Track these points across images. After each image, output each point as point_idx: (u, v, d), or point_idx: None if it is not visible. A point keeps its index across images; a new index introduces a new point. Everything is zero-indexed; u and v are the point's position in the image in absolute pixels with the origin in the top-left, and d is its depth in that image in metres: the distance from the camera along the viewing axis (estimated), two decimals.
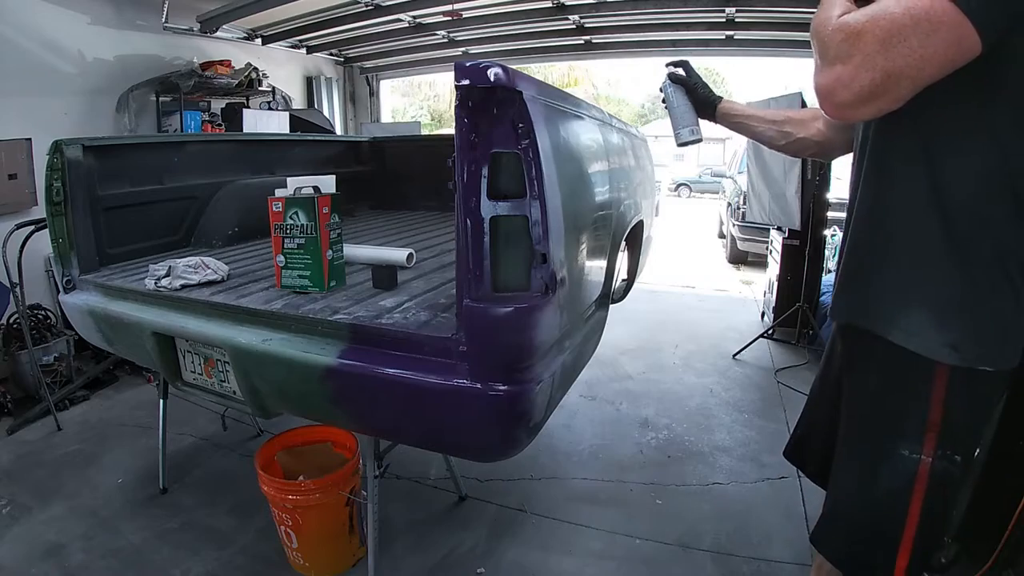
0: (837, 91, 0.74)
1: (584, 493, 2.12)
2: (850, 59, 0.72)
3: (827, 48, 0.75)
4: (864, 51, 0.71)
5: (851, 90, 0.73)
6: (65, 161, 1.78)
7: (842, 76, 0.73)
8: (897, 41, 0.69)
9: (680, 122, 1.37)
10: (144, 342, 1.57)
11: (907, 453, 0.89)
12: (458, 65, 1.01)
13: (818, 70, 0.77)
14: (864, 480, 0.95)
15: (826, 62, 0.75)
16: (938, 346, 0.85)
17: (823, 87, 0.76)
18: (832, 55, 0.74)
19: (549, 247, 1.08)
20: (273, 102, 4.63)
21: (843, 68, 0.73)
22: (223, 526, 1.93)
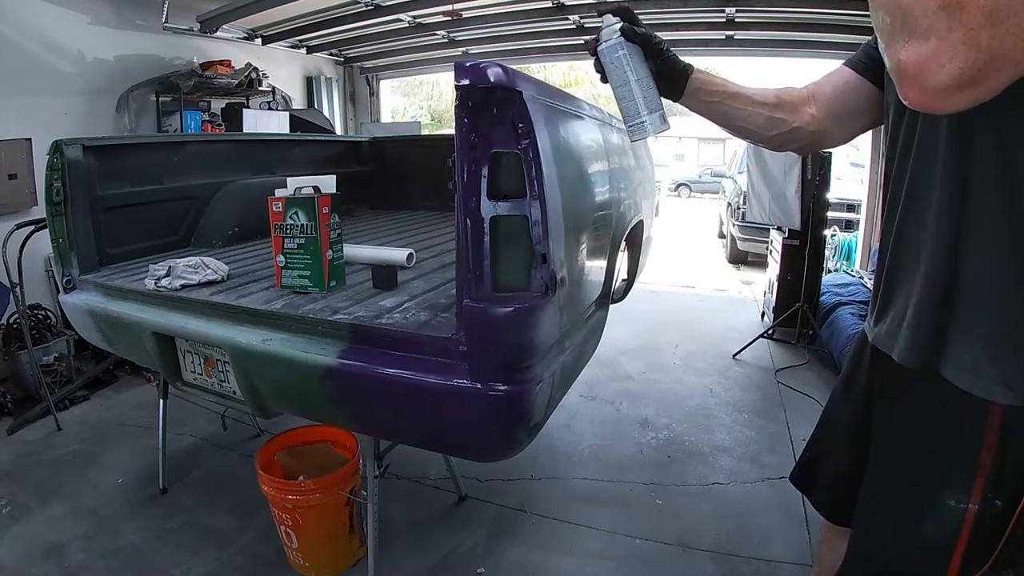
0: (931, 71, 0.59)
1: (584, 493, 2.12)
2: (949, 33, 0.57)
3: (914, 17, 0.59)
4: (968, 24, 0.57)
5: (948, 72, 0.59)
6: (65, 161, 1.78)
7: (939, 54, 0.58)
8: (1007, 15, 0.56)
9: (645, 104, 0.94)
10: (144, 342, 1.57)
11: (954, 503, 0.80)
12: (458, 65, 1.01)
13: (899, 44, 0.62)
14: (902, 530, 0.86)
15: (914, 34, 0.60)
16: (992, 384, 0.75)
17: (911, 65, 0.60)
18: (925, 26, 0.59)
19: (549, 247, 1.08)
20: (273, 102, 4.63)
21: (939, 44, 0.58)
22: (223, 526, 1.93)
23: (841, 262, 5.02)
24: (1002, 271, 0.74)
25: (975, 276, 0.76)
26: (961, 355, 0.77)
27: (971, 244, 0.76)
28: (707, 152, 22.48)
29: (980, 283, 0.76)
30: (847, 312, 3.22)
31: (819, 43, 4.39)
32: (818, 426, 1.17)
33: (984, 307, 0.76)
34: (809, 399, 2.90)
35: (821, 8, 3.74)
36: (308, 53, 5.29)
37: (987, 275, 0.75)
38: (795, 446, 2.44)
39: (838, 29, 4.11)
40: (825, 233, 3.79)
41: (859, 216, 5.11)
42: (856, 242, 5.06)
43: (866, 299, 3.27)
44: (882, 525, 0.90)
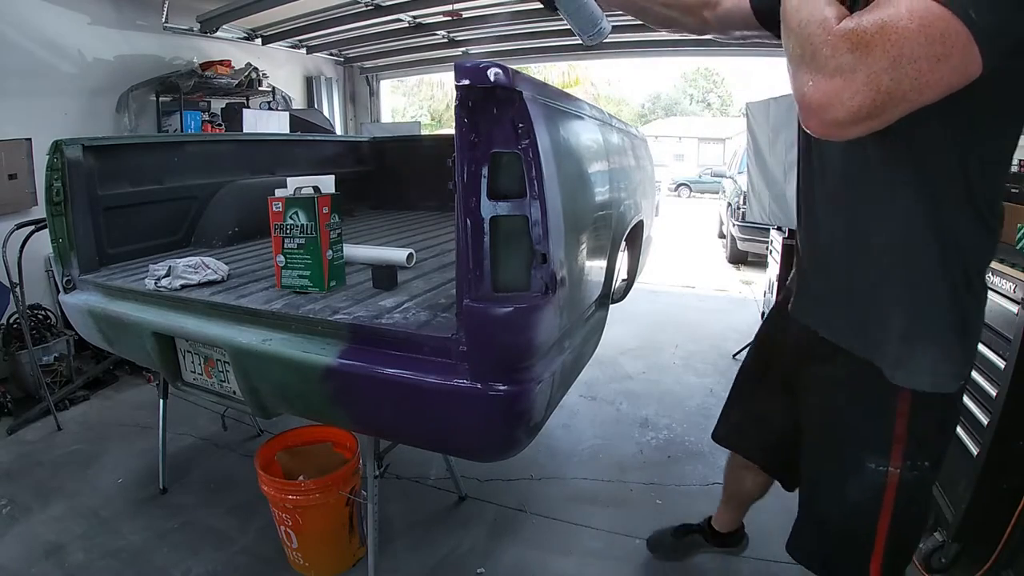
0: (833, 108, 0.66)
1: (584, 493, 2.12)
2: (854, 73, 0.64)
3: (823, 54, 0.66)
4: (871, 67, 0.63)
5: (848, 108, 0.66)
6: (65, 161, 1.78)
7: (842, 92, 0.65)
8: (908, 62, 0.63)
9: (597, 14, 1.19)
10: (144, 342, 1.57)
11: (874, 467, 0.92)
12: (458, 65, 1.01)
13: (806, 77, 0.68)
14: (835, 491, 0.98)
15: (822, 71, 0.66)
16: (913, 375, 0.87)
17: (816, 100, 0.67)
18: (832, 65, 0.65)
19: (549, 247, 1.08)
20: (273, 102, 4.63)
21: (843, 82, 0.65)
22: (223, 526, 1.93)
23: None
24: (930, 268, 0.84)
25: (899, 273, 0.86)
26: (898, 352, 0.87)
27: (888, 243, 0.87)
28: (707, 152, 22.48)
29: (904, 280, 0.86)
30: None
31: None
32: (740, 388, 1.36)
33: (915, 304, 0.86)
34: None
35: None
36: (308, 53, 5.29)
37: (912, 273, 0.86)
38: None
39: None
40: None
41: None
42: None
43: None
44: (819, 489, 1.05)
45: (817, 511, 1.05)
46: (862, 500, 0.94)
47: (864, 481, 0.93)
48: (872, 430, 0.92)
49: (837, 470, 0.97)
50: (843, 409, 0.96)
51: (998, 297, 1.55)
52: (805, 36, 0.68)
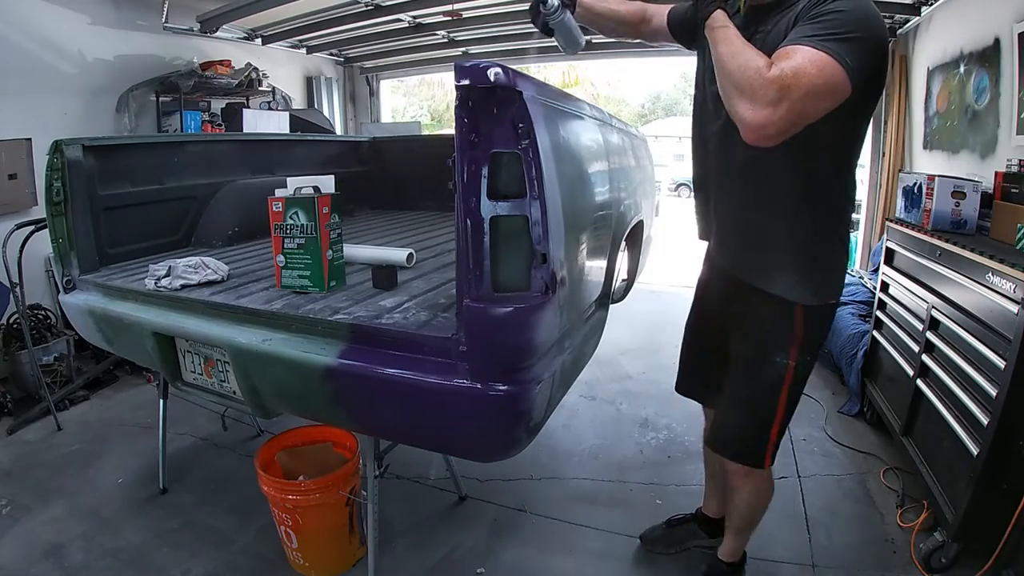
0: (766, 127, 0.97)
1: (584, 493, 2.12)
2: (780, 104, 0.95)
3: (761, 93, 0.96)
4: (792, 99, 0.95)
5: (776, 127, 0.97)
6: (65, 161, 1.78)
7: (772, 116, 0.96)
8: (813, 98, 0.97)
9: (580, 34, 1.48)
10: (144, 342, 1.57)
11: (780, 359, 1.29)
12: (458, 65, 1.01)
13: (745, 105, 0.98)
14: (752, 383, 1.34)
15: (756, 102, 0.97)
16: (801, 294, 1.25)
17: (757, 122, 0.97)
18: (766, 100, 0.96)
19: (549, 247, 1.08)
20: (273, 102, 4.62)
21: (773, 111, 0.96)
22: (223, 526, 1.93)
23: None
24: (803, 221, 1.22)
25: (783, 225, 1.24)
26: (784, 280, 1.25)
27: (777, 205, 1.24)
28: None
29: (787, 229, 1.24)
30: (847, 312, 3.22)
31: None
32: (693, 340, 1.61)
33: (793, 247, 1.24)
34: (809, 399, 2.89)
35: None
36: (308, 53, 5.29)
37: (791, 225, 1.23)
38: (794, 446, 2.44)
39: None
40: None
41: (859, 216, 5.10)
42: (856, 242, 5.06)
43: (866, 299, 3.27)
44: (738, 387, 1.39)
45: (736, 403, 1.39)
46: (771, 385, 1.31)
47: (773, 372, 1.30)
48: (779, 336, 1.29)
49: (756, 369, 1.33)
50: (761, 326, 1.32)
51: (998, 297, 1.55)
52: (745, 78, 0.98)
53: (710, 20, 1.08)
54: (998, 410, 1.49)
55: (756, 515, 1.52)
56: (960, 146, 3.01)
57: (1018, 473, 1.50)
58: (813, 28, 1.00)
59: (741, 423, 1.38)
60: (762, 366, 1.31)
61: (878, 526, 1.92)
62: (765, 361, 1.31)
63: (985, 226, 1.99)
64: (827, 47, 0.96)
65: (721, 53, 1.04)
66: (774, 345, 1.29)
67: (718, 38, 1.06)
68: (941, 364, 1.87)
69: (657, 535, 1.82)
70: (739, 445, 1.40)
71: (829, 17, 1.00)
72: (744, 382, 1.37)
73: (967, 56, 2.92)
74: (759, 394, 1.33)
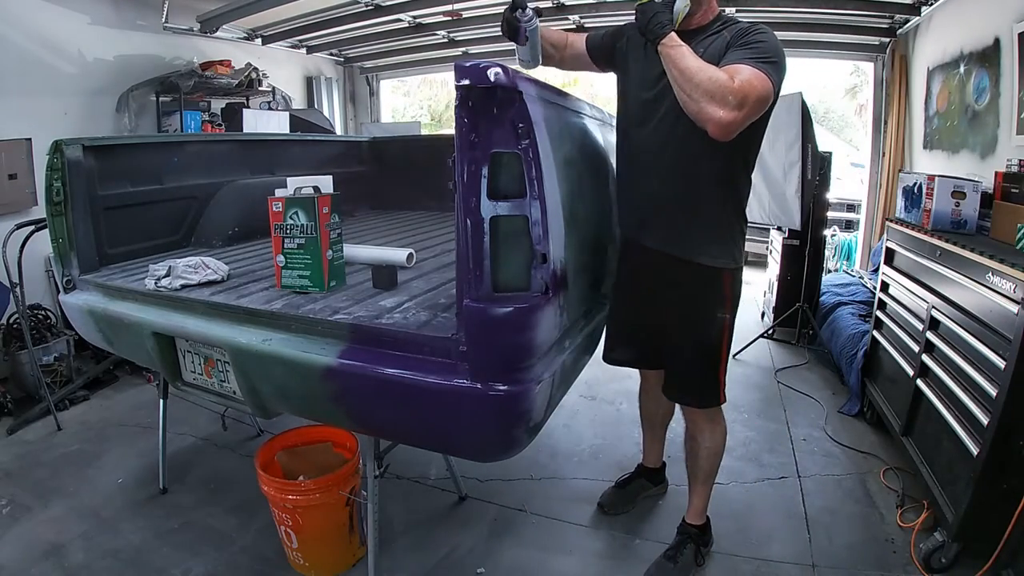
0: (732, 125, 1.25)
1: (584, 493, 2.12)
2: (742, 108, 1.23)
3: (728, 100, 1.22)
4: (748, 105, 1.24)
5: (738, 125, 1.26)
6: (65, 161, 1.78)
7: (736, 119, 1.24)
8: (759, 103, 1.27)
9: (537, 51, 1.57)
10: (144, 342, 1.57)
11: (720, 315, 1.57)
12: (458, 65, 1.01)
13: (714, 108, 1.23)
14: (700, 338, 1.58)
15: (726, 108, 1.23)
16: (727, 261, 1.54)
17: (725, 121, 1.24)
18: (732, 104, 1.22)
19: (549, 247, 1.08)
20: (273, 102, 4.62)
21: (739, 113, 1.23)
22: (223, 526, 1.93)
23: (841, 262, 5.01)
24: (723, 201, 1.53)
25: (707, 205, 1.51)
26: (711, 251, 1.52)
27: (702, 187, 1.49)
28: None
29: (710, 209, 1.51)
30: (847, 312, 3.22)
31: (819, 43, 4.39)
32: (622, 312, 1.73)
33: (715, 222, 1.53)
34: (809, 399, 2.90)
35: (821, 8, 3.74)
36: (308, 53, 5.29)
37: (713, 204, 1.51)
38: (795, 446, 2.44)
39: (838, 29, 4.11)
40: (825, 233, 3.79)
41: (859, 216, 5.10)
42: (856, 242, 5.06)
43: (866, 299, 3.27)
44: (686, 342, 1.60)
45: (687, 359, 1.61)
46: (715, 335, 1.58)
47: (716, 325, 1.57)
48: (716, 296, 1.56)
49: (703, 326, 1.57)
50: (700, 291, 1.55)
51: (998, 297, 1.55)
52: (717, 87, 1.23)
53: (667, 40, 1.30)
54: (998, 410, 1.49)
55: (719, 457, 1.73)
56: (960, 146, 3.01)
57: (1018, 473, 1.49)
58: (748, 52, 1.30)
59: (701, 374, 1.61)
60: (707, 323, 1.57)
61: (878, 526, 1.92)
62: (709, 318, 1.56)
63: (985, 226, 1.99)
64: (763, 67, 1.27)
65: (688, 67, 1.27)
66: (713, 304, 1.56)
67: (676, 55, 1.29)
68: (941, 364, 1.87)
69: (614, 499, 2.02)
70: (702, 392, 1.63)
71: (758, 45, 1.32)
72: (696, 339, 1.59)
73: (967, 56, 2.92)
74: (709, 346, 1.58)
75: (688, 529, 1.76)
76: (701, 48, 1.38)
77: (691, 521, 1.77)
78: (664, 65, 1.33)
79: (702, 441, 1.69)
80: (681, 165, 1.47)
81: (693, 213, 1.51)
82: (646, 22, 1.33)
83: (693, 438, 1.71)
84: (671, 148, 1.46)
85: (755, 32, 1.36)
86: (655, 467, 2.09)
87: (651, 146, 1.50)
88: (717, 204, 1.51)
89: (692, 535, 1.74)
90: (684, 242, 1.53)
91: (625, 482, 2.07)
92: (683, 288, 1.56)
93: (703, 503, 1.77)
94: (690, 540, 1.73)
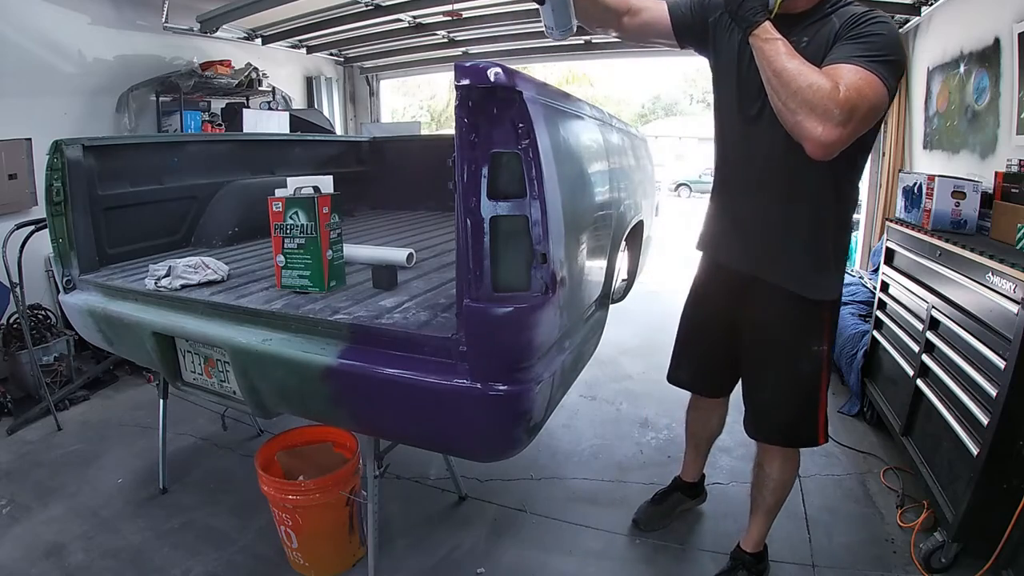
0: (834, 144, 1.05)
1: (584, 493, 2.12)
2: (848, 124, 1.03)
3: (831, 112, 1.02)
4: (856, 119, 1.04)
5: (843, 144, 1.06)
6: (65, 161, 1.78)
7: (840, 137, 1.04)
8: (870, 115, 1.06)
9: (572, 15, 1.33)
10: (144, 342, 1.57)
11: (815, 348, 1.41)
12: (458, 65, 1.01)
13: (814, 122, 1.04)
14: (791, 373, 1.43)
15: (830, 123, 1.03)
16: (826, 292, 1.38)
17: (827, 140, 1.04)
18: (837, 119, 1.02)
19: (549, 247, 1.08)
20: (273, 102, 4.62)
21: (843, 130, 1.03)
22: (223, 526, 1.93)
23: None
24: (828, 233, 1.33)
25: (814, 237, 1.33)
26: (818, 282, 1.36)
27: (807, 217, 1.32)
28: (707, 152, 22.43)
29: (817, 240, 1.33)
30: (847, 312, 3.21)
31: None
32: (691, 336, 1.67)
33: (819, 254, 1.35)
34: None
35: None
36: (308, 53, 5.29)
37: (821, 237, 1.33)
38: None
39: None
40: None
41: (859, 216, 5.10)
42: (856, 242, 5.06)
43: (866, 299, 3.27)
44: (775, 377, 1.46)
45: (775, 395, 1.47)
46: (813, 371, 1.42)
47: (813, 359, 1.41)
48: (812, 327, 1.40)
49: (796, 360, 1.42)
50: (794, 322, 1.40)
51: (998, 297, 1.55)
52: (818, 98, 1.03)
53: (758, 31, 1.10)
54: (998, 410, 1.49)
55: (786, 491, 1.59)
56: (960, 146, 3.01)
57: (1018, 473, 1.50)
58: (860, 47, 1.07)
59: (794, 410, 1.45)
60: (802, 356, 1.41)
61: (878, 526, 1.92)
62: (804, 351, 1.41)
63: (985, 226, 1.99)
64: (875, 68, 1.05)
65: (783, 68, 1.07)
66: (809, 336, 1.40)
67: (771, 52, 1.09)
68: (941, 364, 1.87)
69: (649, 514, 1.91)
70: (796, 432, 1.48)
71: (873, 39, 1.08)
72: (787, 373, 1.43)
73: (967, 56, 2.92)
74: (803, 382, 1.43)
75: (742, 555, 1.65)
76: (805, 37, 1.17)
77: (746, 548, 1.65)
78: (756, 61, 1.12)
79: (771, 472, 1.56)
80: (782, 177, 1.29)
81: (792, 234, 1.33)
82: (737, 4, 1.11)
83: (761, 466, 1.59)
84: (771, 156, 1.27)
85: (870, 21, 1.11)
86: (693, 481, 1.96)
87: (747, 152, 1.34)
88: (820, 226, 1.32)
89: (745, 562, 1.64)
90: (779, 267, 1.37)
91: (661, 497, 1.95)
92: (773, 318, 1.42)
93: (761, 533, 1.64)
94: (743, 567, 1.63)
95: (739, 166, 1.38)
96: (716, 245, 1.54)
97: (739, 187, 1.40)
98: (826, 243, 1.34)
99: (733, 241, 1.46)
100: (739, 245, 1.44)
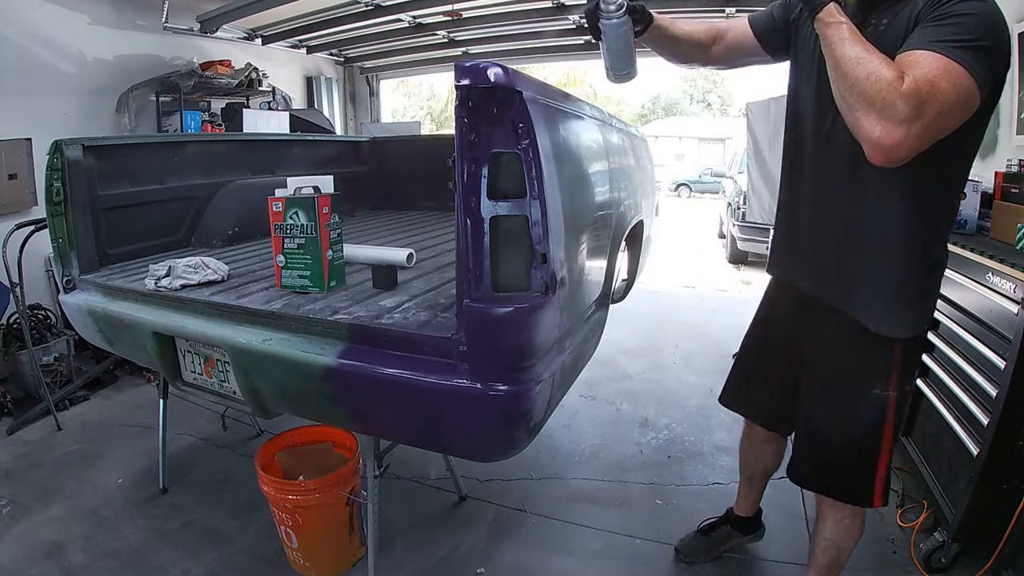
0: (899, 148, 0.88)
1: (584, 493, 2.12)
2: (914, 123, 0.86)
3: (895, 109, 0.86)
4: (926, 117, 0.85)
5: (909, 148, 0.88)
6: (65, 161, 1.78)
7: (906, 137, 0.86)
8: (947, 113, 0.87)
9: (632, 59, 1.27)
10: (144, 342, 1.57)
11: (879, 392, 1.18)
12: (458, 65, 1.01)
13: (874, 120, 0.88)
14: (847, 416, 1.22)
15: (888, 118, 0.86)
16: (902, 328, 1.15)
17: (886, 143, 0.88)
18: (900, 117, 0.86)
19: (549, 247, 1.08)
20: (273, 102, 4.62)
21: (908, 131, 0.86)
22: (223, 526, 1.93)
23: None
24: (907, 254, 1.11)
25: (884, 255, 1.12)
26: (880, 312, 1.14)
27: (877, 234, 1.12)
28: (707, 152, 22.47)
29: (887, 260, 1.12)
30: None
31: None
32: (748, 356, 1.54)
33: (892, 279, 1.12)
34: None
35: None
36: (308, 53, 5.29)
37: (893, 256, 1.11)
38: None
39: None
40: None
41: None
42: None
43: None
44: (827, 418, 1.26)
45: (824, 437, 1.27)
46: (873, 419, 1.19)
47: (873, 404, 1.19)
48: (876, 367, 1.18)
49: (851, 401, 1.21)
50: (854, 357, 1.20)
51: (998, 297, 1.55)
52: (876, 91, 0.87)
53: (822, 14, 0.96)
54: (998, 410, 1.49)
55: (840, 554, 1.36)
56: None
57: (1018, 473, 1.50)
58: (941, 31, 0.90)
59: (837, 457, 1.25)
60: (859, 398, 1.20)
61: (878, 526, 1.92)
62: (865, 394, 1.19)
63: (985, 226, 1.99)
64: (958, 56, 0.87)
65: (842, 56, 0.92)
66: (873, 377, 1.18)
67: (833, 36, 0.94)
68: (941, 364, 1.87)
69: (694, 545, 1.76)
70: (842, 484, 1.28)
71: (958, 20, 0.89)
72: (837, 413, 1.23)
73: None
74: (858, 428, 1.21)
75: None
76: (885, 19, 1.02)
77: None
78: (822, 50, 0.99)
79: (823, 529, 1.35)
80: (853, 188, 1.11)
81: (861, 255, 1.14)
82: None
83: (817, 519, 1.39)
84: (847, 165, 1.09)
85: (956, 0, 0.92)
86: (746, 516, 1.75)
87: (819, 161, 1.18)
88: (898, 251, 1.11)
89: None
90: (843, 291, 1.18)
91: (709, 528, 1.77)
92: (833, 350, 1.23)
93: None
94: None
95: (809, 170, 1.22)
96: (779, 259, 1.39)
97: (806, 194, 1.23)
98: (904, 270, 1.12)
99: (795, 253, 1.30)
100: (802, 259, 1.28)
